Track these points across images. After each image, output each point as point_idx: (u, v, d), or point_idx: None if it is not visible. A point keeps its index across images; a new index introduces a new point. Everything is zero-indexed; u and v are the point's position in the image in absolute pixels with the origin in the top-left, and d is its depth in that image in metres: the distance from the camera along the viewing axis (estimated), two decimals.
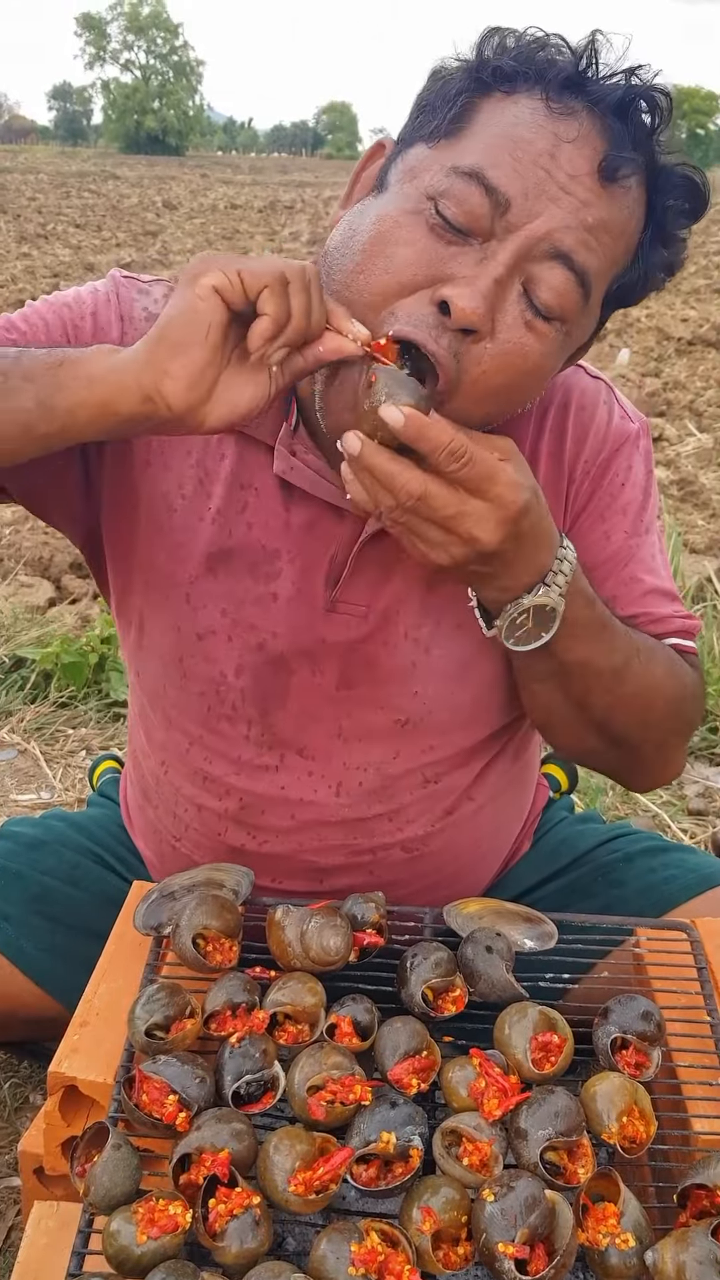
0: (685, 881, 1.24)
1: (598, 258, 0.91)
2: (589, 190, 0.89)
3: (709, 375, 7.18)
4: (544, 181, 0.88)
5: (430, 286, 0.88)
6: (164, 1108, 0.87)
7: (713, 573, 3.53)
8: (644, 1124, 0.89)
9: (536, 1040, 0.92)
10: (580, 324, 0.95)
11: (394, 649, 1.08)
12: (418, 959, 0.99)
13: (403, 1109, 0.87)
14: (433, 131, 0.93)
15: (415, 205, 0.90)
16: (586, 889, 1.29)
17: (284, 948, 1.00)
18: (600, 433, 1.10)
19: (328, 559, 1.06)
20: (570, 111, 0.89)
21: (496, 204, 0.88)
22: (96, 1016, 1.01)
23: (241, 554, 1.06)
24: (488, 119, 0.91)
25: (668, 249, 0.96)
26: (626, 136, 0.90)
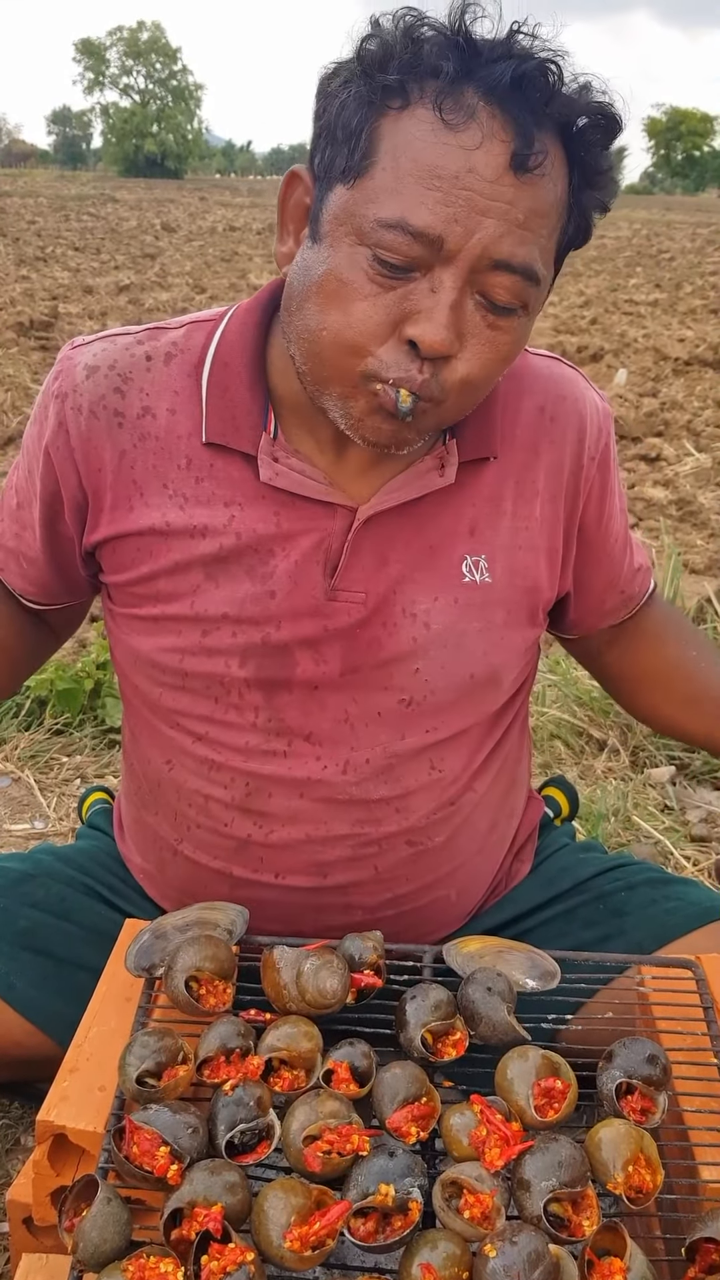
0: (688, 913, 1.22)
1: (537, 244, 0.94)
2: (510, 189, 0.90)
3: (706, 395, 7.19)
4: (468, 203, 0.89)
5: (394, 328, 0.93)
6: (155, 1160, 0.84)
7: (712, 593, 3.51)
8: (651, 1173, 0.86)
9: (539, 1086, 0.90)
10: (538, 297, 0.98)
11: (394, 628, 1.11)
12: (416, 1001, 0.97)
13: (402, 1159, 0.84)
14: (345, 171, 0.93)
15: (353, 258, 0.93)
16: (587, 916, 1.27)
17: (279, 990, 0.97)
18: (595, 420, 1.18)
19: (322, 551, 1.09)
20: (467, 114, 0.88)
21: (429, 243, 0.90)
22: (87, 1062, 0.99)
23: (237, 559, 1.09)
24: (391, 145, 0.91)
25: (597, 188, 0.97)
26: (528, 116, 0.89)
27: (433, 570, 1.11)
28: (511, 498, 1.13)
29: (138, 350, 1.11)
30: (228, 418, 1.07)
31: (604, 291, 12.47)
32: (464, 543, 1.12)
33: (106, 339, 1.13)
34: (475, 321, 0.94)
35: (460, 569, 1.12)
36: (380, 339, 0.93)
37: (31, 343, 7.55)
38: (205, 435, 1.07)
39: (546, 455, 1.15)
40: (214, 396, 1.08)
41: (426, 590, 1.11)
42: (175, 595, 1.10)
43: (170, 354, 1.10)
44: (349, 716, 1.12)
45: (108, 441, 1.08)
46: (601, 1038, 1.00)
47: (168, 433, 1.09)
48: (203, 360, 1.09)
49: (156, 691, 1.16)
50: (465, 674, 1.14)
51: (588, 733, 2.59)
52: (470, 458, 1.11)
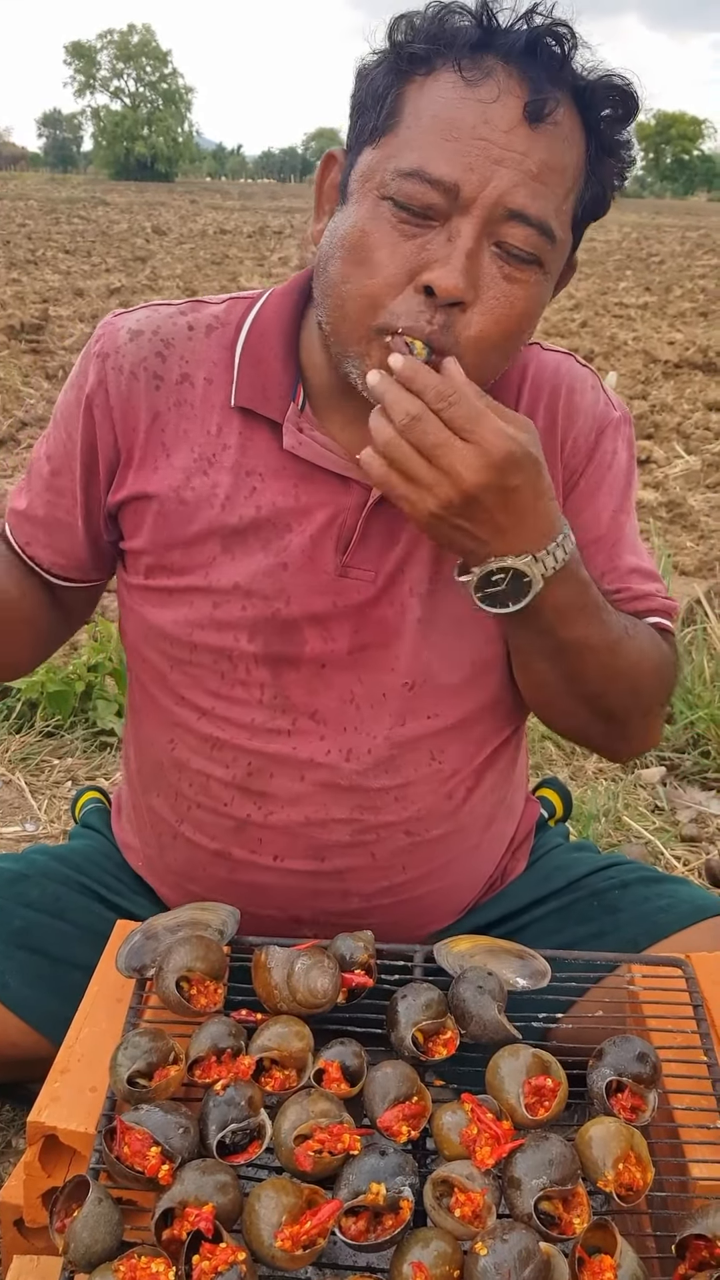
0: (680, 911, 1.23)
1: (552, 199, 0.97)
2: (524, 140, 0.95)
3: (696, 398, 7.21)
4: (483, 151, 0.94)
5: (412, 278, 0.96)
6: (146, 1160, 0.84)
7: (702, 595, 3.52)
8: (641, 1170, 0.86)
9: (530, 1084, 0.90)
10: (555, 258, 1.01)
11: (401, 607, 1.13)
12: (407, 1000, 0.97)
13: (393, 1158, 0.84)
14: (372, 132, 0.99)
15: (376, 210, 0.97)
16: (581, 913, 1.28)
17: (270, 990, 0.98)
18: (590, 413, 1.17)
19: (336, 527, 1.11)
20: (485, 72, 0.95)
21: (446, 191, 0.94)
22: (78, 1063, 0.99)
23: (255, 532, 1.11)
24: (415, 106, 0.97)
25: (614, 156, 1.02)
26: (542, 74, 0.95)
27: (440, 553, 1.13)
28: None
29: (180, 320, 1.15)
30: (258, 385, 1.11)
31: (594, 295, 12.50)
32: None
33: (150, 308, 1.18)
34: (492, 272, 0.97)
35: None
36: (398, 288, 0.97)
37: (22, 345, 7.54)
38: (235, 399, 1.11)
39: (543, 442, 1.13)
40: (246, 365, 1.12)
41: (434, 570, 1.13)
42: (190, 567, 1.13)
43: (211, 326, 1.15)
44: (354, 697, 1.14)
45: (144, 402, 1.12)
46: (592, 1036, 1.00)
47: (203, 401, 1.13)
48: (239, 332, 1.14)
49: (165, 665, 1.18)
50: (468, 658, 1.15)
51: None
52: None
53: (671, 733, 2.62)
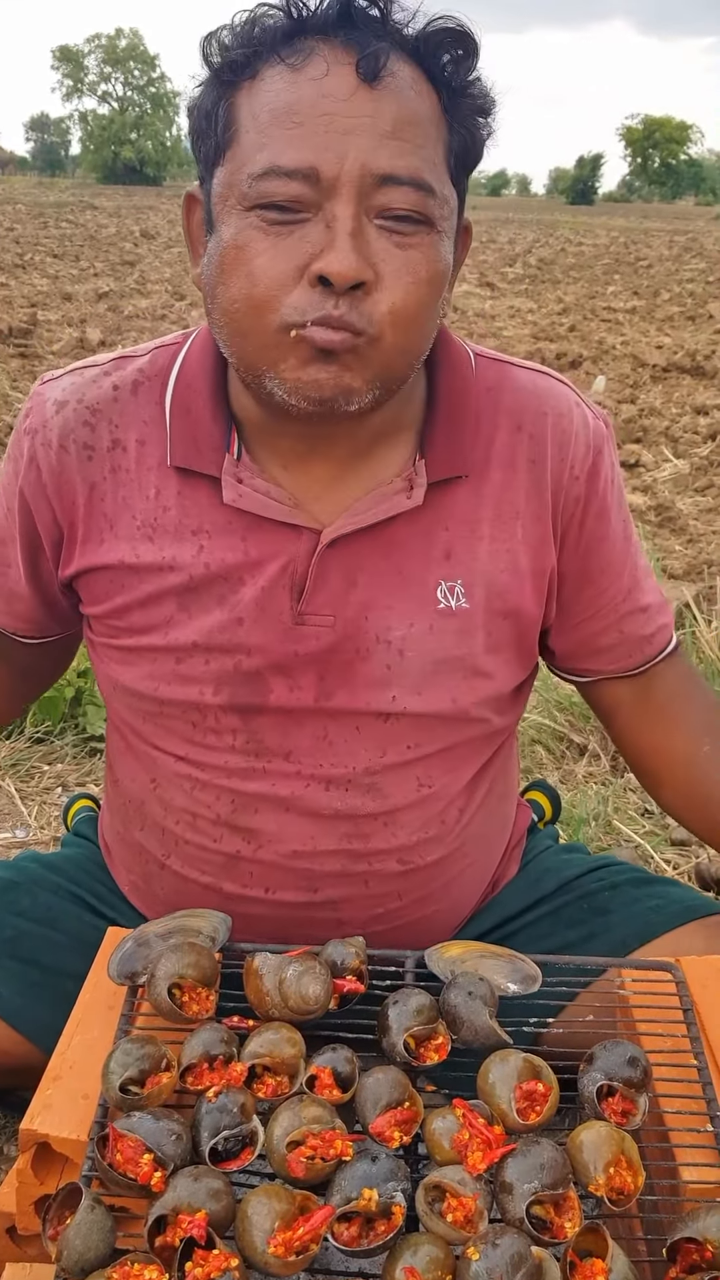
0: (671, 911, 1.23)
1: (417, 152, 0.93)
2: (368, 101, 0.91)
3: (684, 401, 7.25)
4: (329, 125, 0.90)
5: (301, 271, 0.91)
6: (139, 1167, 0.84)
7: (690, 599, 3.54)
8: (632, 1174, 0.87)
9: (521, 1089, 0.90)
10: (443, 213, 0.96)
11: (368, 655, 1.09)
12: (399, 1006, 0.97)
13: (385, 1164, 0.85)
14: (216, 152, 0.95)
15: (243, 222, 0.93)
16: (572, 916, 1.28)
17: (262, 996, 0.98)
18: (582, 436, 1.13)
19: (288, 575, 1.07)
20: (307, 53, 0.91)
21: (306, 178, 0.90)
22: (70, 1070, 0.99)
23: (208, 589, 1.08)
24: (249, 110, 0.93)
25: (468, 97, 0.97)
26: (365, 34, 0.91)
27: (405, 596, 1.08)
28: (490, 520, 1.10)
29: (105, 382, 1.11)
30: (190, 440, 1.07)
31: (582, 299, 12.55)
32: (439, 567, 1.09)
33: (74, 372, 1.14)
34: (383, 245, 0.92)
35: (435, 594, 1.09)
36: (288, 286, 0.92)
37: (10, 350, 7.53)
38: (170, 459, 1.08)
39: (526, 474, 1.10)
40: (177, 418, 1.08)
41: (400, 616, 1.09)
42: (149, 627, 1.11)
43: (138, 382, 1.11)
44: (328, 734, 1.11)
45: (78, 475, 1.10)
46: (583, 1040, 1.01)
47: (138, 464, 1.09)
48: (167, 383, 1.10)
49: (136, 719, 1.16)
50: (446, 699, 1.11)
51: (568, 738, 2.61)
52: (439, 478, 1.07)
53: None
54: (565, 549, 1.15)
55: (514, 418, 1.11)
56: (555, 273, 15.83)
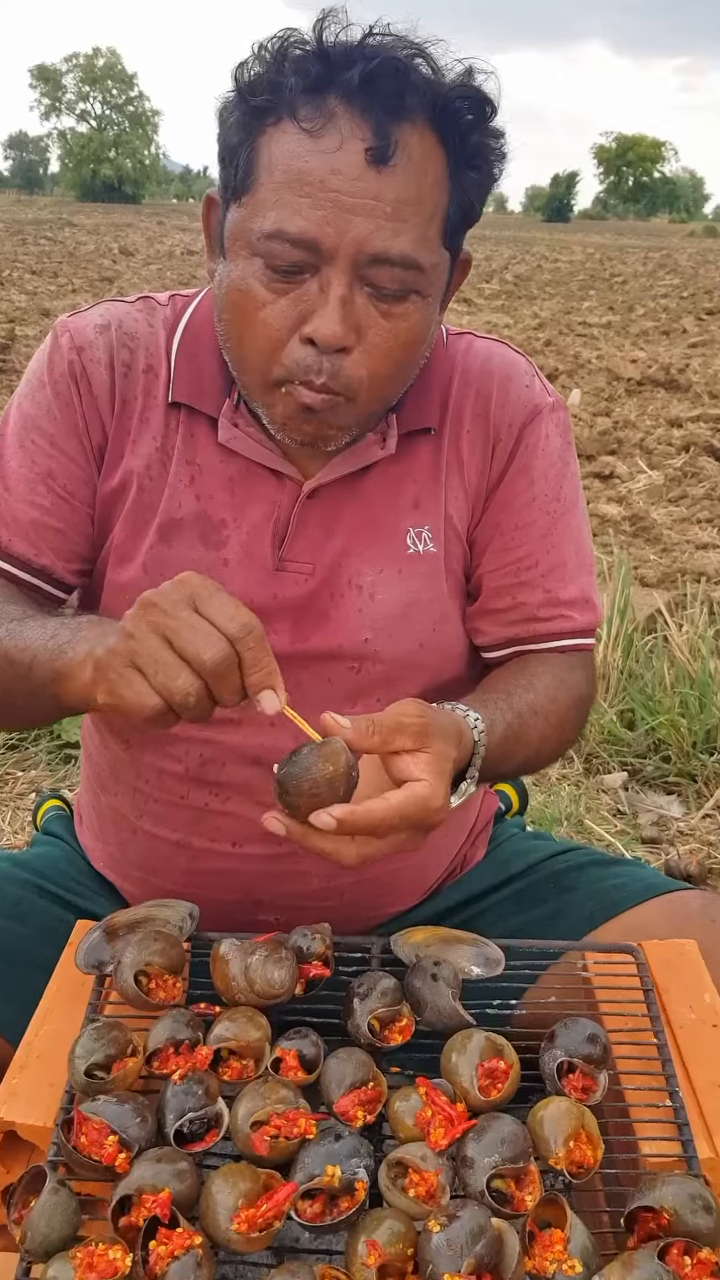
0: (634, 889, 1.25)
1: (413, 231, 0.99)
2: (374, 183, 0.96)
3: (658, 414, 7.33)
4: (335, 203, 0.96)
5: (294, 330, 1.00)
6: (103, 1149, 0.85)
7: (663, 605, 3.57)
8: (591, 1148, 0.88)
9: (483, 1067, 0.91)
10: (431, 281, 1.03)
11: (340, 598, 1.15)
12: (364, 989, 0.98)
13: (348, 1141, 0.86)
14: (235, 191, 1.02)
15: (249, 268, 1.00)
16: (537, 895, 1.30)
17: (228, 982, 0.99)
18: (522, 397, 1.19)
19: (271, 521, 1.14)
20: (326, 118, 0.96)
21: (307, 246, 0.97)
22: (37, 1059, 0.99)
23: (191, 523, 1.14)
24: (267, 160, 0.99)
25: (476, 168, 1.03)
26: (382, 111, 0.95)
27: (376, 542, 1.16)
28: (446, 468, 1.18)
29: (138, 315, 1.19)
30: (194, 381, 1.15)
31: (558, 314, 12.66)
32: (408, 515, 1.17)
33: (105, 304, 1.21)
34: (370, 314, 1.00)
35: (404, 541, 1.17)
36: (282, 342, 1.01)
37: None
38: (171, 394, 1.15)
39: (472, 426, 1.18)
40: (183, 361, 1.16)
41: (371, 563, 1.16)
42: (131, 554, 1.15)
43: (167, 319, 1.19)
44: (300, 683, 1.14)
45: (117, 391, 1.16)
46: (547, 1021, 1.02)
47: (161, 392, 1.16)
48: (176, 328, 1.17)
49: None
50: (414, 643, 1.17)
51: None
52: (408, 429, 1.16)
53: (633, 738, 2.65)
54: (486, 499, 1.20)
55: (466, 376, 1.19)
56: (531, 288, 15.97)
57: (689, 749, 2.58)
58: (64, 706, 1.02)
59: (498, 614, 1.22)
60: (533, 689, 1.17)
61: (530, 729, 1.14)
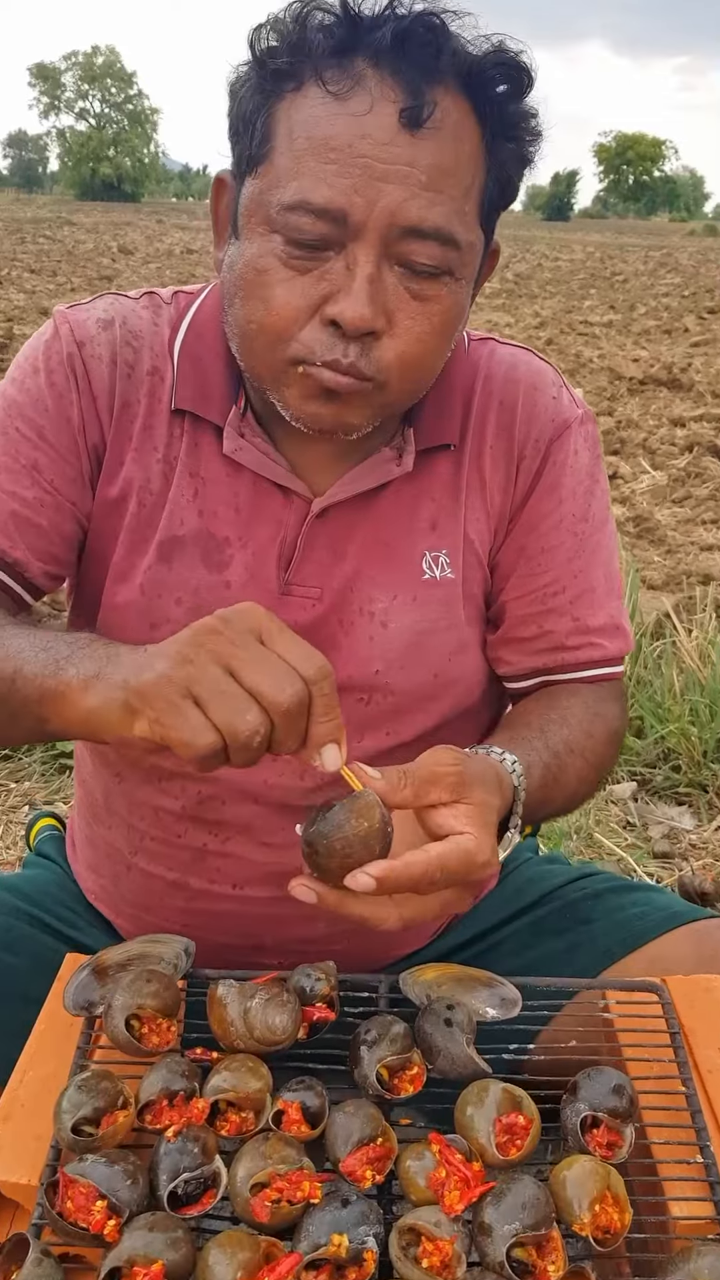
0: (655, 918, 1.19)
1: (449, 203, 0.90)
2: (407, 148, 0.88)
3: (661, 414, 7.27)
4: (365, 170, 0.87)
5: (315, 310, 0.91)
6: (91, 1215, 0.78)
7: (670, 609, 3.51)
8: (618, 1211, 0.81)
9: (501, 1122, 0.85)
10: (466, 262, 0.95)
11: (351, 626, 1.08)
12: (371, 1034, 0.92)
13: (355, 1207, 0.79)
14: (250, 161, 0.93)
15: (267, 245, 0.91)
16: (553, 927, 1.24)
17: (226, 1027, 0.92)
18: (549, 411, 1.11)
19: (278, 542, 1.06)
20: (354, 80, 0.87)
21: (334, 219, 0.88)
22: (21, 1109, 0.93)
23: (193, 542, 1.06)
24: (287, 128, 0.90)
25: (512, 140, 0.94)
26: (416, 72, 0.87)
27: (390, 566, 1.08)
28: (466, 487, 1.10)
29: (143, 312, 1.11)
30: (198, 385, 1.06)
31: (559, 313, 12.61)
32: (425, 538, 1.09)
33: (108, 297, 1.13)
34: (400, 294, 0.92)
35: (420, 565, 1.09)
36: (301, 322, 0.92)
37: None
38: (174, 401, 1.07)
39: (495, 442, 1.10)
40: (185, 364, 1.07)
41: (384, 588, 1.08)
42: (128, 573, 1.07)
43: (171, 318, 1.11)
44: None
45: (118, 393, 1.08)
46: (567, 1068, 0.96)
47: (166, 397, 1.08)
48: (179, 328, 1.09)
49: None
50: (428, 674, 1.10)
51: None
52: (427, 445, 1.08)
53: (642, 748, 2.59)
54: (510, 521, 1.12)
55: (489, 386, 1.11)
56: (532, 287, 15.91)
57: (699, 758, 2.51)
58: (48, 731, 0.93)
59: (523, 643, 1.14)
60: (567, 724, 1.09)
61: (568, 769, 1.06)
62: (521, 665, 1.15)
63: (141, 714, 0.81)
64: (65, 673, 0.89)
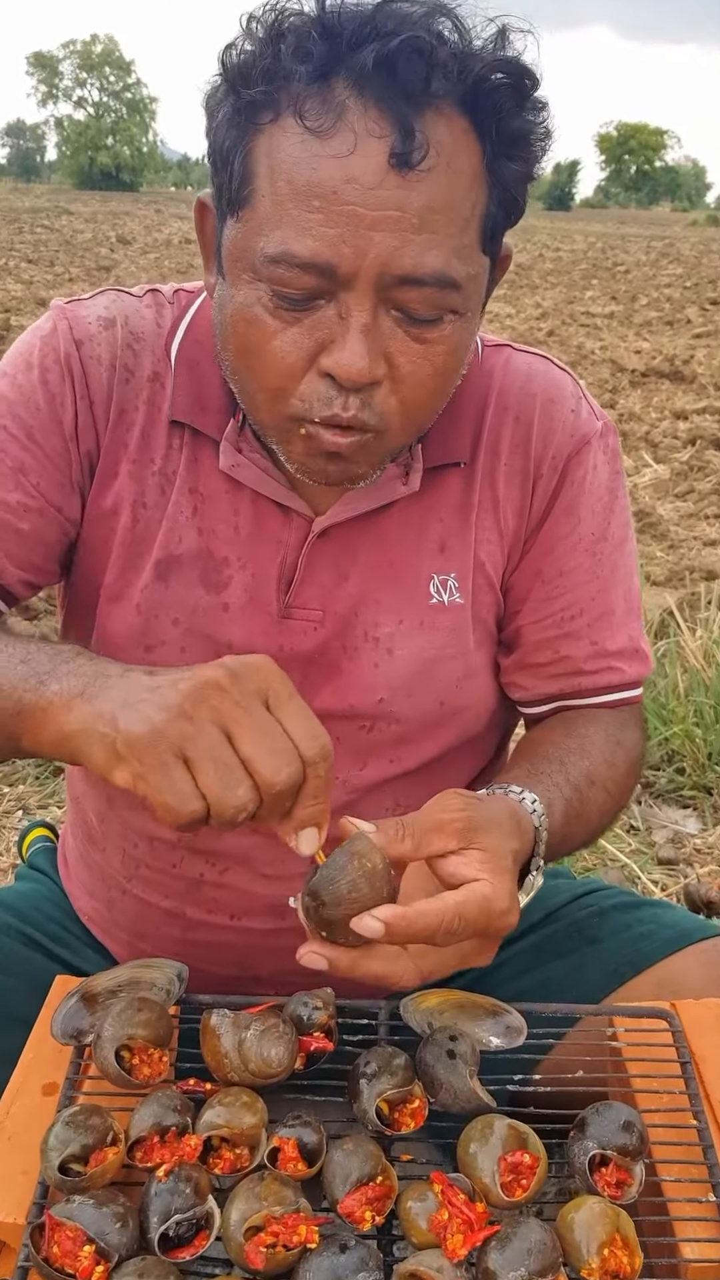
0: (663, 937, 1.15)
1: (446, 243, 0.83)
2: (397, 191, 0.80)
3: (663, 406, 7.22)
4: (351, 218, 0.80)
5: (311, 360, 0.86)
6: (78, 1261, 0.75)
7: (674, 605, 3.47)
8: (628, 1255, 0.78)
9: (506, 1161, 0.81)
10: (468, 296, 0.88)
11: (354, 652, 1.03)
12: (371, 1067, 0.88)
13: (354, 1253, 0.76)
14: (230, 203, 0.86)
15: (253, 295, 0.85)
16: (558, 947, 1.20)
17: (219, 1059, 0.89)
18: (567, 425, 1.06)
19: (278, 563, 1.02)
20: (335, 114, 0.79)
21: (320, 272, 0.82)
22: (8, 1143, 0.89)
23: (191, 562, 1.02)
24: (267, 167, 0.82)
25: (515, 158, 0.85)
26: (403, 101, 0.78)
27: (396, 590, 1.03)
28: (477, 508, 1.05)
29: (146, 312, 1.05)
30: (195, 396, 1.01)
31: (560, 304, 12.54)
32: (432, 560, 1.04)
33: (110, 293, 1.07)
34: (398, 338, 0.85)
35: (427, 589, 1.04)
36: (297, 376, 0.87)
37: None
38: (171, 412, 1.01)
39: (510, 459, 1.05)
40: (183, 371, 1.02)
41: (390, 612, 1.03)
42: (123, 592, 1.02)
43: (173, 318, 1.05)
44: None
45: (115, 399, 1.02)
46: (572, 1097, 0.92)
47: (167, 405, 1.03)
48: (176, 331, 1.04)
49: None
50: (434, 702, 1.06)
51: None
52: (436, 463, 1.03)
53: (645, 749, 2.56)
54: (526, 542, 1.07)
55: (504, 400, 1.05)
56: (533, 278, 15.82)
57: (704, 761, 2.48)
58: (20, 749, 0.88)
59: (539, 668, 1.10)
60: (587, 754, 1.05)
61: (590, 803, 1.02)
62: (537, 691, 1.11)
63: (127, 764, 0.76)
64: (46, 688, 0.84)
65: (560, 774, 1.00)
